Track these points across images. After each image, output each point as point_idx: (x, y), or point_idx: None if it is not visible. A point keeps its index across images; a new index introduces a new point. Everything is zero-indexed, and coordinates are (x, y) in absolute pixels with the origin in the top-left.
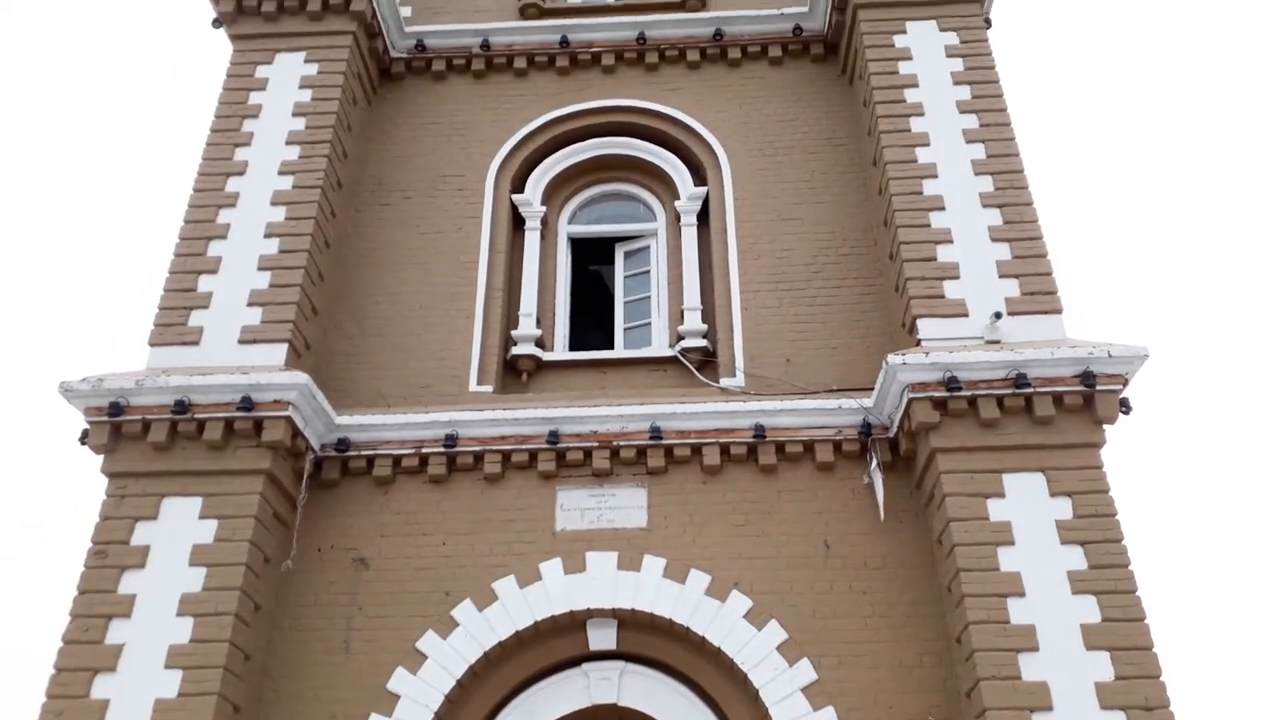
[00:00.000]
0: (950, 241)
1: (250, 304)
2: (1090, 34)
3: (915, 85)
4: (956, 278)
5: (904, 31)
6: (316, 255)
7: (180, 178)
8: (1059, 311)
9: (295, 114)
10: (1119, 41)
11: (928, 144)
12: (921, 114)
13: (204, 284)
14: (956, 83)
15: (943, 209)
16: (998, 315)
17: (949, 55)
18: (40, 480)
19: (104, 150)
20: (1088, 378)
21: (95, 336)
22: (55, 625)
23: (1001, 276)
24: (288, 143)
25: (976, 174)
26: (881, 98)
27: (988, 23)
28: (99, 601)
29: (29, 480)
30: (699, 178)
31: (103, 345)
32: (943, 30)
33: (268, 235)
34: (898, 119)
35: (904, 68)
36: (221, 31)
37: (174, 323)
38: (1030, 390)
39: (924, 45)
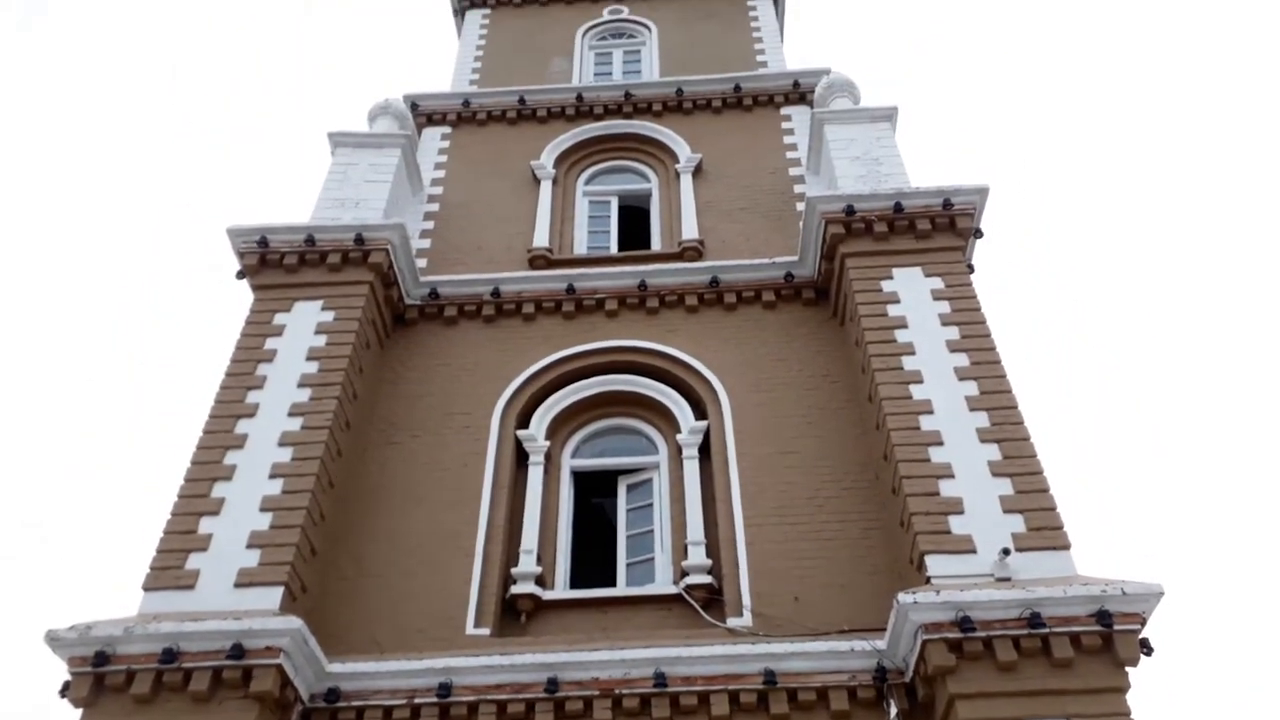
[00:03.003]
0: (951, 476)
1: (249, 545)
2: (1075, 266)
3: (905, 326)
4: (961, 513)
5: (890, 277)
6: (320, 496)
7: (190, 419)
8: (1067, 547)
9: (309, 358)
10: (1103, 278)
11: (921, 381)
12: (913, 353)
13: (204, 526)
14: (945, 323)
15: (941, 444)
16: (1006, 552)
17: (935, 298)
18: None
19: (110, 393)
20: (1104, 617)
21: (86, 583)
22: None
23: (1006, 512)
24: (299, 385)
25: (971, 410)
26: (873, 338)
27: (970, 268)
28: None
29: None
30: (699, 412)
31: (95, 591)
32: (928, 276)
33: (272, 476)
34: (890, 357)
35: (893, 310)
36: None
37: (170, 566)
38: (1046, 630)
39: (911, 289)
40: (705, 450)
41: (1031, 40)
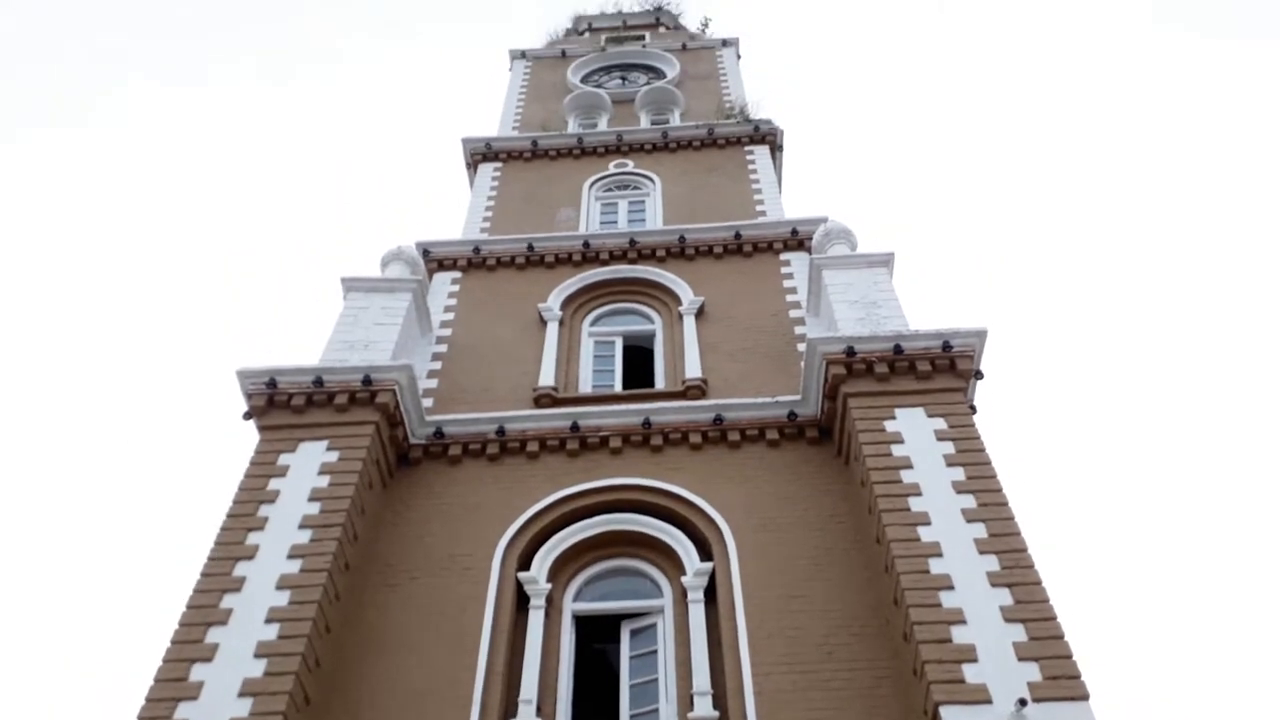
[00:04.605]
0: (964, 622)
1: (242, 694)
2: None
3: (910, 466)
4: (975, 660)
5: (893, 417)
6: (316, 641)
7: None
8: (1086, 697)
9: (312, 498)
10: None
11: (929, 523)
12: (919, 494)
13: (196, 673)
14: (950, 464)
15: (952, 588)
16: (1023, 702)
17: (939, 439)
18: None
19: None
20: None
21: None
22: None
23: (1021, 659)
24: (300, 526)
25: (981, 553)
26: (878, 478)
27: (973, 408)
28: None
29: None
30: (704, 552)
31: None
32: (930, 416)
33: (269, 620)
34: (896, 498)
35: (897, 450)
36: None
37: (157, 716)
38: None
39: (914, 429)
40: (711, 592)
41: (1027, 181)
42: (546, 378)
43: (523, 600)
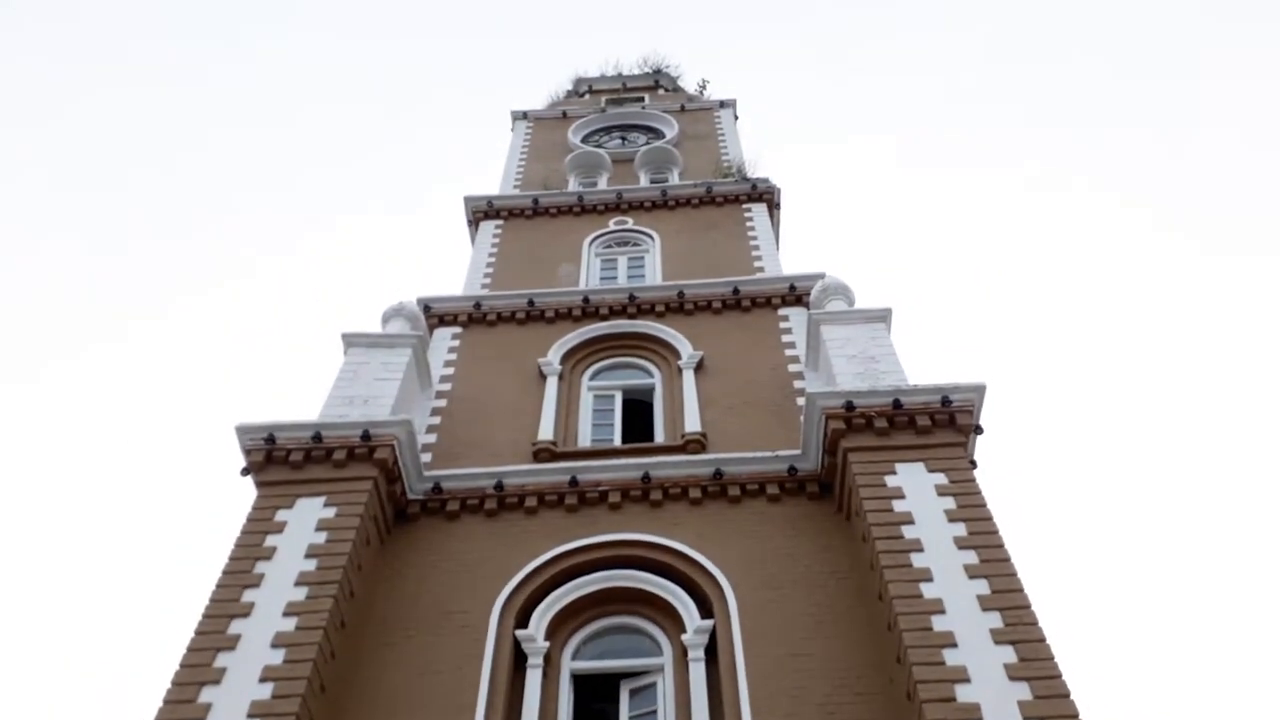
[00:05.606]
0: (967, 681)
1: None
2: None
3: (911, 522)
4: None
5: (894, 472)
6: (311, 701)
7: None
8: None
9: (308, 555)
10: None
11: (931, 579)
12: (921, 550)
13: None
14: (951, 520)
15: (955, 646)
16: None
17: (940, 494)
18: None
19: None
20: None
21: None
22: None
23: (1026, 719)
24: (296, 584)
25: (984, 610)
26: (879, 534)
27: (973, 464)
28: None
29: None
30: (705, 610)
31: None
32: (931, 471)
33: (263, 680)
34: (898, 554)
35: (898, 505)
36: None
37: None
38: None
39: (915, 485)
40: (711, 650)
41: (1024, 231)
42: (546, 432)
43: (520, 659)
